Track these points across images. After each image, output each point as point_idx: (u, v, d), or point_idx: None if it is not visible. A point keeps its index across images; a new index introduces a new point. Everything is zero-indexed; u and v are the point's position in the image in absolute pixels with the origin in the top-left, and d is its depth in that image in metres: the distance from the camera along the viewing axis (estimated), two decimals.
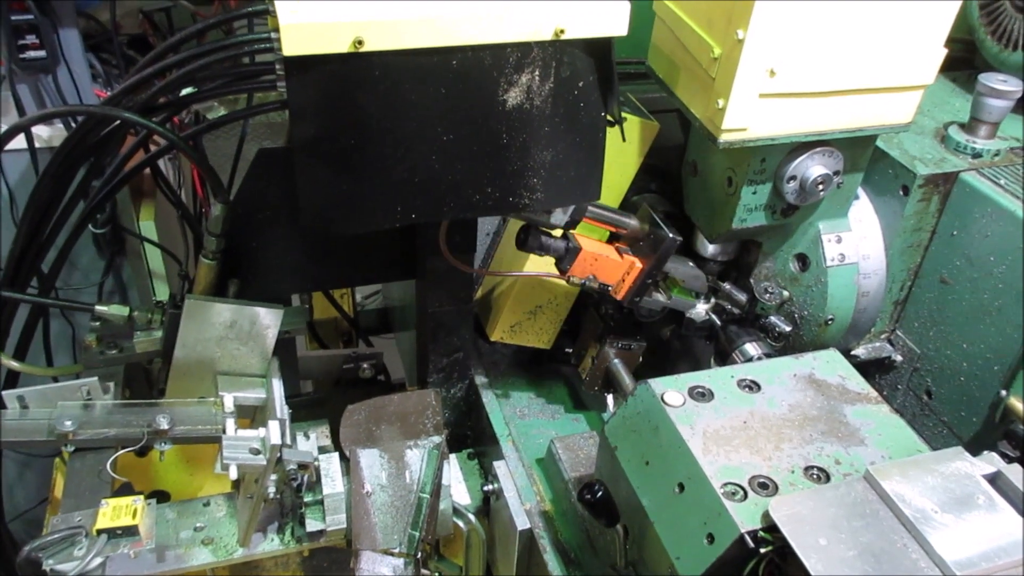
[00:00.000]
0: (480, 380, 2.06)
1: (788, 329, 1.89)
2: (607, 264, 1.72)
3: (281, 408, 1.71)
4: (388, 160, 1.35)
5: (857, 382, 1.47)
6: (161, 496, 1.94)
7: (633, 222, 1.75)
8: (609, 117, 1.49)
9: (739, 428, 1.35)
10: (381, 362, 2.29)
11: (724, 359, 1.93)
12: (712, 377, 1.45)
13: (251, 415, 1.83)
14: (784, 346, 1.94)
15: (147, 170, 2.44)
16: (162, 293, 2.65)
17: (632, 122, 1.84)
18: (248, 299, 1.75)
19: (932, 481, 1.20)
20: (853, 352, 1.97)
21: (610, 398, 2.03)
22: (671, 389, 1.41)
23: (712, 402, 1.40)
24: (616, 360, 1.96)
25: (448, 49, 1.28)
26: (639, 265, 1.72)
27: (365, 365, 2.24)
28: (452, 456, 1.96)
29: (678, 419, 1.35)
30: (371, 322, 2.97)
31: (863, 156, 1.77)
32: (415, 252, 1.87)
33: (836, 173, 1.71)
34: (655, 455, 1.37)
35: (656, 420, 1.38)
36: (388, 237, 1.86)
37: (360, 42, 1.22)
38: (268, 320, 1.75)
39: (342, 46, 1.22)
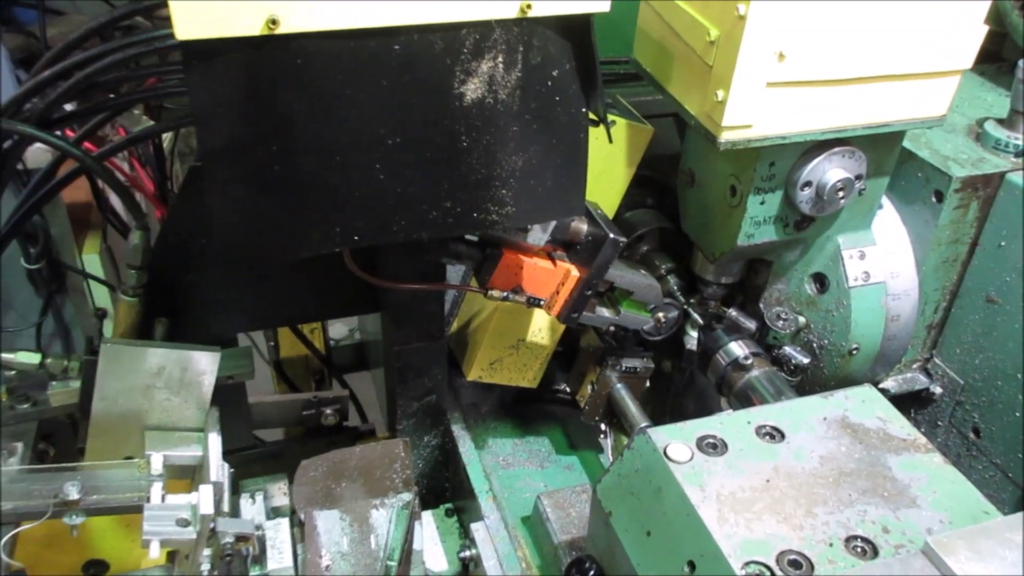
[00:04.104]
0: (456, 426, 1.86)
1: (806, 361, 1.71)
2: (536, 273, 1.45)
3: (217, 469, 1.49)
4: (320, 170, 1.13)
5: (900, 425, 1.23)
6: (98, 566, 1.75)
7: (580, 225, 1.49)
8: (592, 115, 1.28)
9: (761, 489, 1.12)
10: (347, 407, 2.07)
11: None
12: (725, 424, 1.22)
13: (190, 475, 1.61)
14: (801, 381, 1.74)
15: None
16: (111, 334, 2.43)
17: (620, 125, 1.63)
18: (184, 341, 1.55)
19: (1011, 556, 0.96)
20: (882, 385, 1.77)
21: (607, 442, 1.80)
22: (676, 440, 1.18)
23: (726, 456, 1.17)
24: (620, 385, 1.76)
25: (388, 31, 1.06)
26: (576, 274, 1.46)
27: (328, 411, 2.01)
28: (427, 514, 1.82)
29: (685, 479, 1.13)
30: (347, 358, 2.77)
31: (889, 157, 1.59)
32: None
33: (858, 178, 1.54)
34: (658, 524, 1.14)
35: (658, 480, 1.16)
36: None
37: (274, 22, 0.99)
38: (203, 365, 1.55)
39: (252, 28, 0.99)
